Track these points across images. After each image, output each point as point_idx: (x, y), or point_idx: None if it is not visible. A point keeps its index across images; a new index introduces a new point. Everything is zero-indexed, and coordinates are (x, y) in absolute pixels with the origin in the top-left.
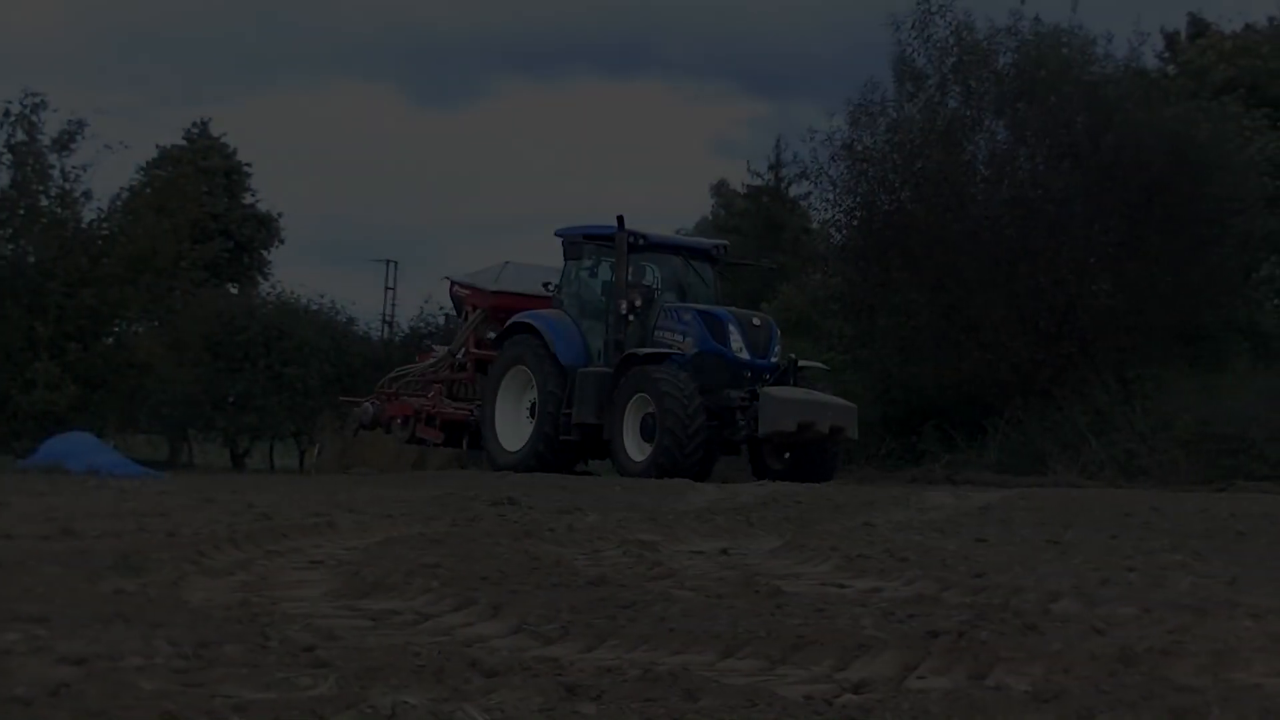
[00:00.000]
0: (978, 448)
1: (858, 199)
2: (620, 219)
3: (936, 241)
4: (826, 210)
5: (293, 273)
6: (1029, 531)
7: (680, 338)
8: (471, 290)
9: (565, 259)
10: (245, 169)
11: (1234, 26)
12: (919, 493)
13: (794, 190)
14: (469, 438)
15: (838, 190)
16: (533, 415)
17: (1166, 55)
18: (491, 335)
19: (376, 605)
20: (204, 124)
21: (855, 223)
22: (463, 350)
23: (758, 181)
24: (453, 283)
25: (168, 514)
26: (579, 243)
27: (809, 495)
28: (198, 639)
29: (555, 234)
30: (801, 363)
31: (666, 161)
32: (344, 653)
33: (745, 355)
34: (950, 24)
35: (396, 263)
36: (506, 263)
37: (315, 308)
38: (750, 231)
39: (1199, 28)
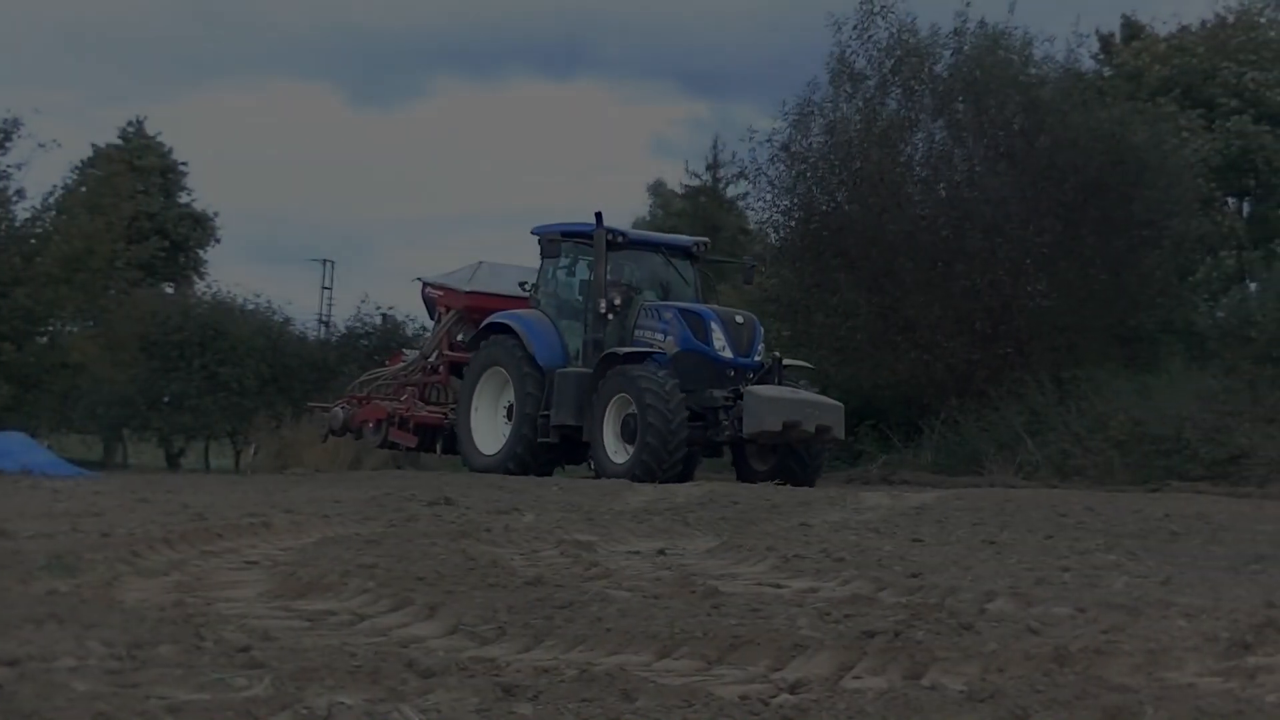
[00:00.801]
0: (914, 448)
1: (795, 200)
2: (599, 215)
3: (873, 242)
4: (764, 211)
5: (229, 272)
6: (965, 532)
7: (661, 336)
8: (444, 291)
9: (542, 257)
10: (181, 168)
11: (1168, 28)
12: (855, 493)
13: (731, 191)
14: (444, 441)
15: (775, 191)
16: (510, 418)
17: (1102, 57)
18: (462, 337)
19: (312, 606)
20: (140, 123)
21: (792, 223)
22: (436, 352)
23: (695, 182)
24: (425, 284)
25: (102, 514)
26: (556, 241)
27: (746, 495)
28: (132, 640)
29: (531, 232)
30: (786, 361)
31: (605, 161)
32: (279, 653)
33: (728, 354)
34: (891, 25)
35: (333, 262)
36: (480, 262)
37: (251, 307)
38: (687, 232)
39: (1133, 30)
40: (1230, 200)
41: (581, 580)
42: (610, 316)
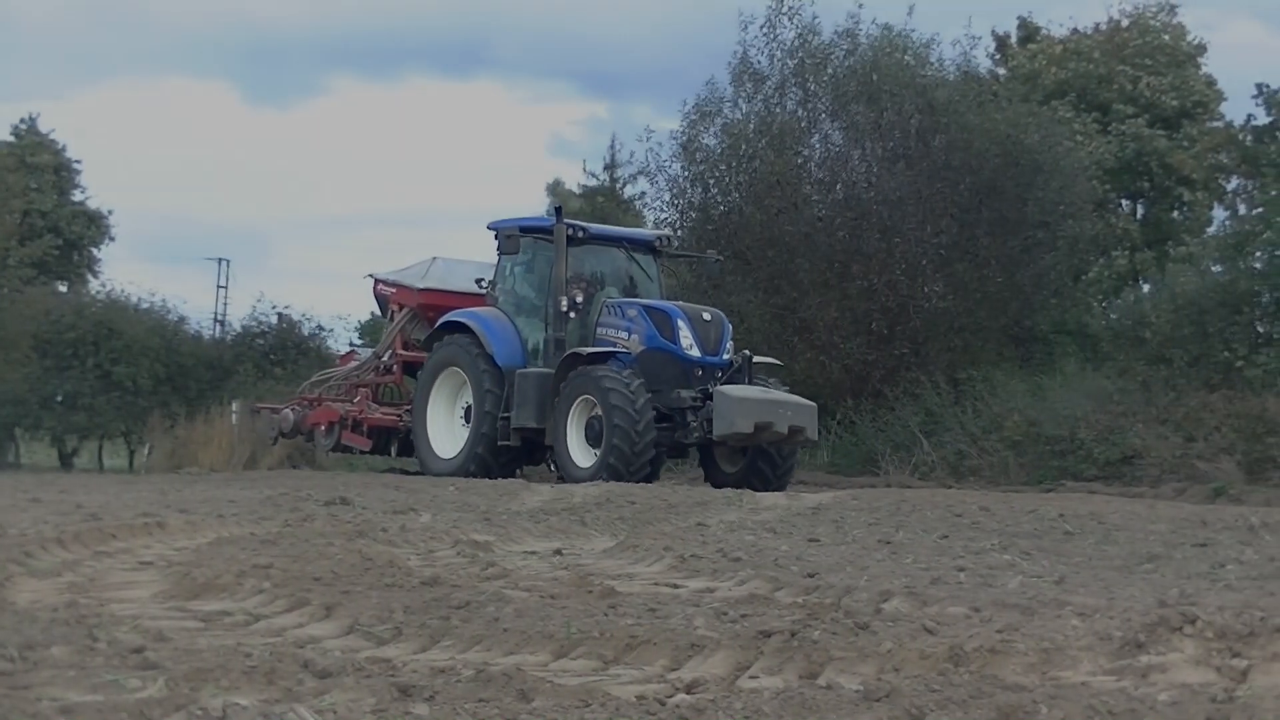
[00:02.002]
0: (810, 448)
1: (692, 200)
2: (558, 209)
3: (770, 243)
4: (661, 210)
5: (123, 271)
6: (861, 532)
7: (625, 335)
8: (397, 288)
9: (499, 254)
10: (75, 166)
11: (1063, 31)
12: (751, 493)
13: (629, 190)
14: (399, 444)
15: (673, 190)
16: (468, 420)
17: (997, 58)
18: (416, 336)
19: (207, 606)
20: (33, 120)
21: (689, 223)
22: (389, 352)
23: (593, 182)
24: (376, 280)
25: None
26: (514, 236)
27: (643, 495)
28: (23, 640)
29: (488, 227)
30: (756, 358)
31: (504, 161)
32: (174, 654)
33: (695, 352)
34: (798, 26)
35: (229, 261)
36: (434, 259)
37: (146, 306)
38: None
39: (1029, 31)
40: (1124, 202)
41: (478, 580)
42: (572, 314)
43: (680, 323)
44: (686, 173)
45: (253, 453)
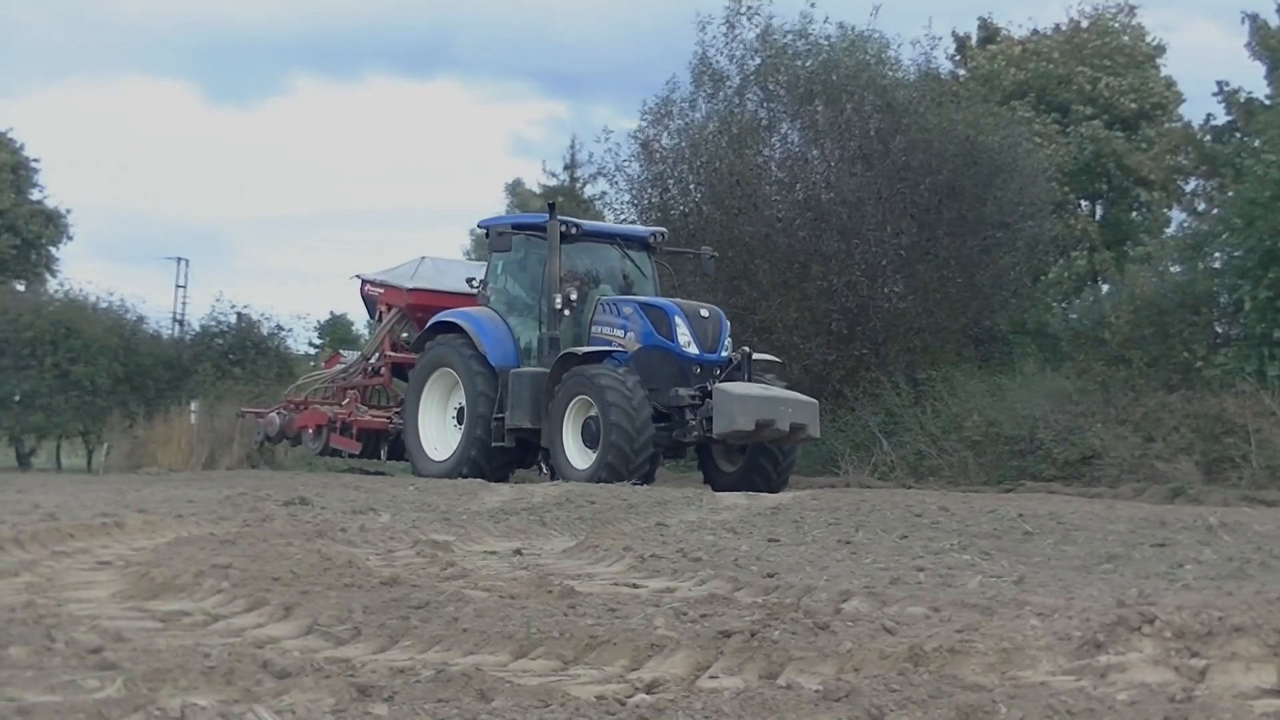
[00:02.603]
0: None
1: (651, 200)
2: (552, 206)
3: (730, 243)
4: (621, 210)
5: (82, 270)
6: (820, 532)
7: (621, 333)
8: (385, 289)
9: (490, 252)
10: (33, 164)
11: (1023, 32)
12: (711, 493)
13: (589, 190)
14: (389, 446)
15: (633, 190)
16: (460, 421)
17: (958, 59)
18: (406, 337)
19: (166, 606)
20: None
21: (649, 224)
22: (377, 353)
23: (553, 181)
24: (364, 281)
25: None
26: (506, 234)
27: (602, 495)
28: None
29: (479, 225)
30: (755, 355)
31: (465, 160)
32: (132, 654)
33: (693, 349)
34: (757, 26)
35: (188, 261)
36: (423, 258)
37: (104, 306)
38: None
39: (989, 32)
40: (1083, 203)
41: (438, 580)
42: (566, 313)
43: (677, 320)
44: (645, 173)
45: (211, 452)
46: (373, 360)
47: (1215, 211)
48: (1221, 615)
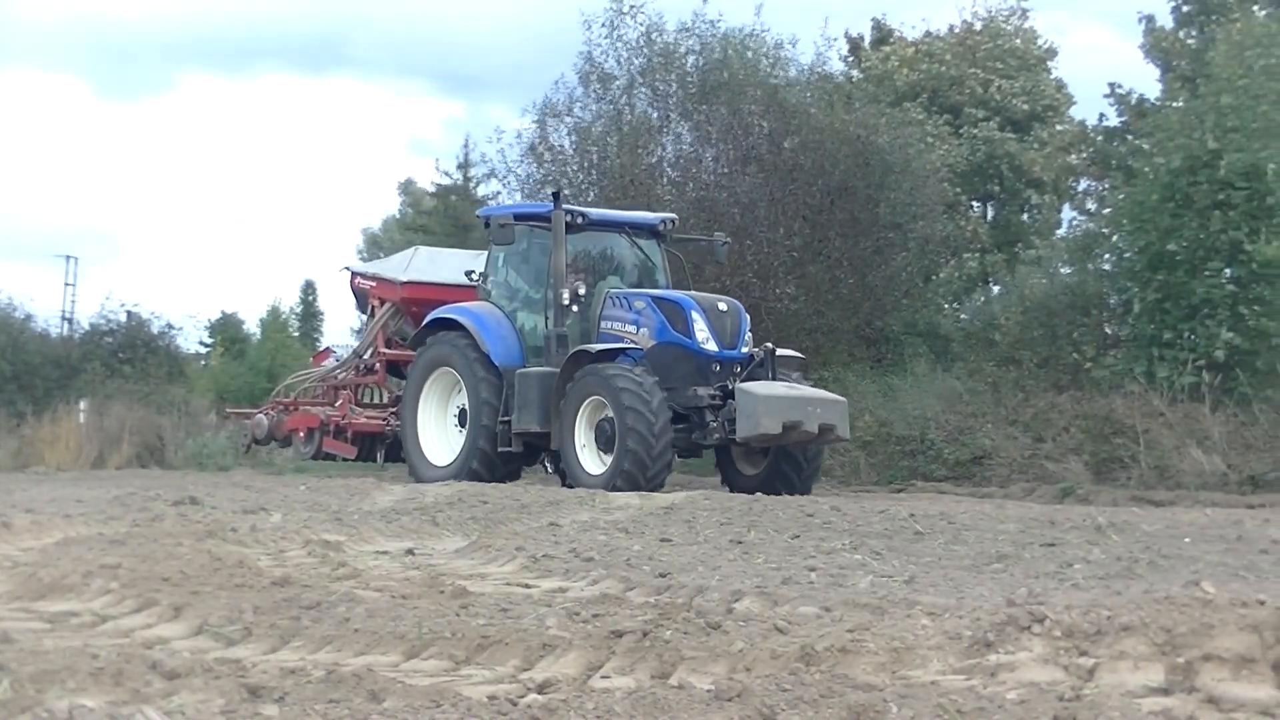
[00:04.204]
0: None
1: (544, 199)
2: (556, 194)
3: None
4: None
5: None
6: (713, 532)
7: (633, 329)
8: (377, 282)
9: (491, 243)
10: None
11: (917, 34)
12: (604, 493)
13: (483, 190)
14: (386, 450)
15: (525, 190)
16: (462, 423)
17: (851, 60)
18: (398, 333)
19: (53, 607)
20: None
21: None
22: (370, 350)
23: (447, 180)
24: (353, 274)
25: None
26: (508, 225)
27: (495, 495)
28: None
29: (478, 215)
30: (779, 351)
31: (363, 159)
32: (19, 655)
33: (712, 346)
34: (641, 25)
35: (77, 259)
36: (416, 248)
37: None
38: (438, 231)
39: (883, 34)
40: (975, 204)
41: (329, 580)
42: (574, 308)
43: (694, 314)
44: (537, 174)
45: (100, 452)
46: (365, 357)
47: (1106, 213)
48: (1110, 614)
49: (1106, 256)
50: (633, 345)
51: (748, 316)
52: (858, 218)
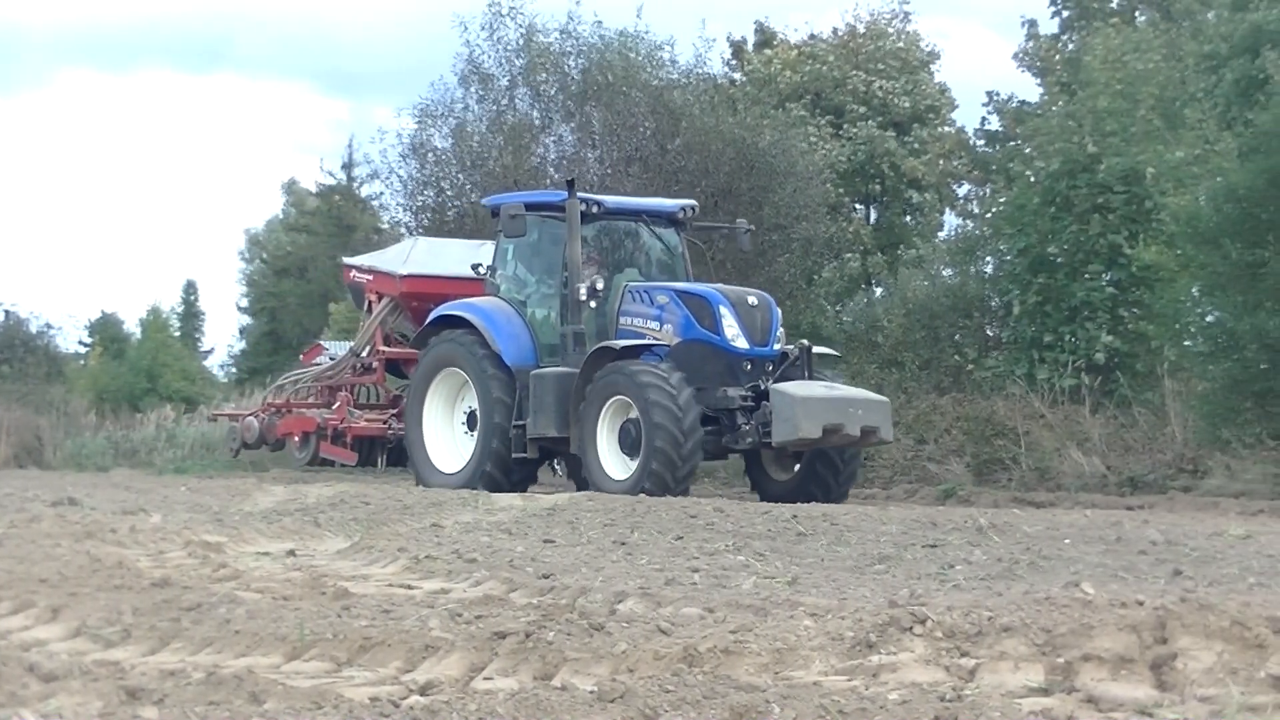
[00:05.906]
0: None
1: (425, 201)
2: (570, 183)
3: None
4: (397, 210)
5: None
6: (596, 533)
7: (656, 325)
8: (374, 275)
9: (500, 235)
10: None
11: (800, 36)
12: (487, 494)
13: (366, 190)
14: (388, 455)
15: (407, 190)
16: (471, 427)
17: (734, 63)
18: (396, 328)
19: None
20: None
21: (425, 224)
22: (368, 347)
23: (330, 181)
24: (349, 267)
25: None
26: (520, 216)
27: (377, 496)
28: None
29: (484, 204)
30: (815, 349)
31: (247, 158)
32: None
33: (742, 343)
34: (520, 26)
35: None
36: (415, 239)
37: None
38: (322, 231)
39: (766, 36)
40: (857, 206)
41: (210, 582)
42: (592, 303)
43: (723, 309)
44: (419, 174)
45: None
46: (363, 355)
47: (987, 216)
48: (991, 615)
49: (988, 259)
50: (656, 342)
51: (779, 311)
52: (741, 219)
